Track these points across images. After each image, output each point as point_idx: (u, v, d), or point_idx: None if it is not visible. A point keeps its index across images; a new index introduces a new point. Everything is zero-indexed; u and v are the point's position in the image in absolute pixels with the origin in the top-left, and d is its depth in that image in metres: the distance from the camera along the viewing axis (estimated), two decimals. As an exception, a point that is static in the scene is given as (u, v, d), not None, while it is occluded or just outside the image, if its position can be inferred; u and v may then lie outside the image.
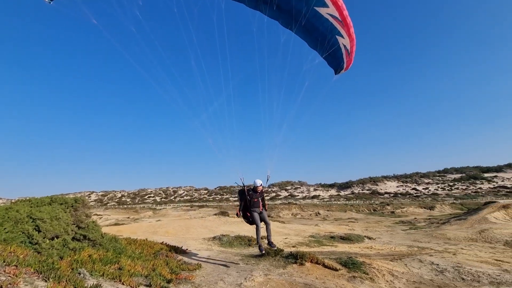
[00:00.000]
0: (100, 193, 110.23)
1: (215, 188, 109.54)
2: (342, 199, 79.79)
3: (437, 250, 10.02)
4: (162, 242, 9.23)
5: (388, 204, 48.27)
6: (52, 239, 5.56)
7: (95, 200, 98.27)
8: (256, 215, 6.80)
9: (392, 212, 35.58)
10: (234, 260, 7.69)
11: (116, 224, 19.63)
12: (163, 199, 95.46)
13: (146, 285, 4.63)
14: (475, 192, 78.05)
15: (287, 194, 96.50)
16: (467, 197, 66.53)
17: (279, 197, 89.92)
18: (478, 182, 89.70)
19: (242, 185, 7.10)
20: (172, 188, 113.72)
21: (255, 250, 9.69)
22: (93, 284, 3.78)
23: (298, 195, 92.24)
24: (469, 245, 11.34)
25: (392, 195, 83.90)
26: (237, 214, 7.09)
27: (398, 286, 5.85)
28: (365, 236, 14.16)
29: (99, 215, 35.09)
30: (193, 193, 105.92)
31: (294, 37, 7.67)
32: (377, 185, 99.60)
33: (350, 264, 6.74)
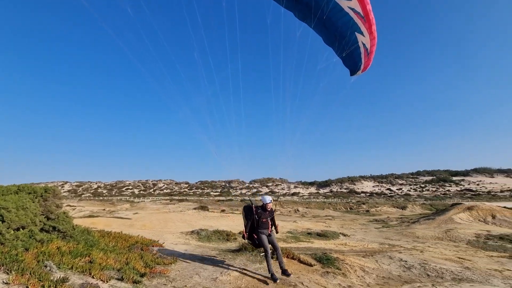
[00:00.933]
0: (75, 184, 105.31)
1: (196, 182, 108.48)
2: (321, 197, 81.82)
3: (406, 247, 10.57)
4: (138, 236, 9.02)
5: (364, 203, 50.15)
6: (18, 229, 5.26)
7: (68, 191, 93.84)
8: (265, 238, 5.78)
9: (367, 211, 37.03)
10: (211, 255, 7.67)
11: (90, 216, 18.89)
12: (141, 192, 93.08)
13: (118, 279, 4.51)
14: (443, 194, 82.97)
15: (268, 190, 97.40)
16: (436, 198, 70.66)
17: (260, 193, 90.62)
18: (447, 184, 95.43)
19: (251, 202, 6.12)
20: (151, 181, 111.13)
21: (232, 245, 9.73)
22: (60, 277, 3.63)
23: (278, 192, 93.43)
24: (435, 243, 12.07)
25: (368, 194, 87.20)
26: (243, 236, 6.08)
27: (368, 281, 6.11)
28: (340, 233, 14.65)
29: (73, 206, 33.59)
30: (173, 187, 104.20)
31: (311, 32, 6.93)
32: (354, 184, 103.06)
33: (325, 259, 6.94)
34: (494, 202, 44.08)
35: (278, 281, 5.31)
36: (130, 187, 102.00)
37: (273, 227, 6.07)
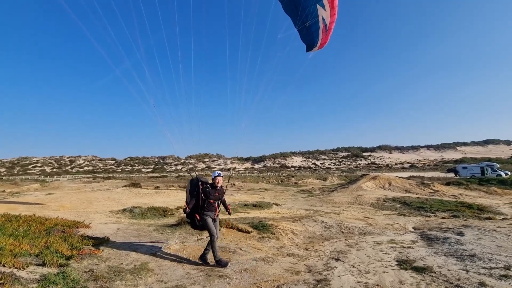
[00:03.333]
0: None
1: (125, 159, 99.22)
2: (255, 171, 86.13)
3: (326, 212, 12.37)
4: (57, 217, 7.94)
5: (293, 176, 55.34)
6: None
7: None
8: (210, 221, 4.85)
9: (296, 183, 41.11)
10: (147, 231, 7.43)
11: (-17, 200, 15.41)
12: (55, 170, 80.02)
13: (38, 264, 4.00)
14: (355, 167, 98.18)
15: (204, 166, 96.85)
16: (350, 170, 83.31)
17: (197, 169, 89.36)
18: (358, 159, 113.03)
19: (196, 177, 5.06)
20: (67, 157, 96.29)
21: (170, 220, 9.59)
22: (-43, 269, 3.01)
23: (215, 167, 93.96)
24: (348, 207, 14.47)
25: (297, 168, 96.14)
26: (185, 210, 4.91)
27: (297, 241, 7.02)
28: (273, 203, 16.00)
29: (-47, 189, 26.50)
30: (97, 163, 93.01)
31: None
32: (286, 159, 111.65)
33: (260, 227, 7.58)
34: (391, 172, 54.77)
35: (228, 265, 4.75)
36: (39, 165, 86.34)
37: (224, 209, 5.37)
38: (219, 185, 5.03)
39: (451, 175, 41.46)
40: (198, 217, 4.85)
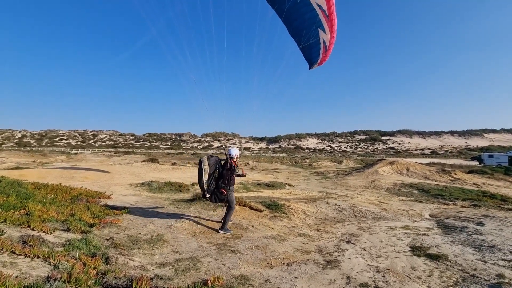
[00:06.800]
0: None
1: (144, 135, 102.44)
2: (270, 152, 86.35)
3: (340, 195, 12.30)
4: (81, 187, 8.43)
5: (307, 158, 55.07)
6: None
7: (-19, 140, 79.56)
8: (233, 194, 5.58)
9: (310, 165, 40.94)
10: (164, 205, 7.74)
11: (17, 168, 16.62)
12: (79, 143, 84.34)
13: (64, 230, 4.29)
14: (372, 151, 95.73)
15: (219, 144, 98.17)
16: (367, 154, 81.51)
17: (212, 147, 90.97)
18: (376, 143, 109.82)
19: (224, 155, 5.74)
20: (91, 131, 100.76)
21: (185, 196, 9.91)
22: (-8, 230, 3.27)
23: (230, 146, 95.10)
24: (363, 191, 14.29)
25: (311, 150, 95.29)
26: (204, 195, 5.50)
27: (308, 222, 7.07)
28: (286, 183, 16.09)
29: (-10, 157, 28.77)
30: (118, 138, 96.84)
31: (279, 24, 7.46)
32: (301, 141, 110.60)
33: (273, 206, 7.68)
34: (410, 158, 53.03)
35: (230, 232, 5.41)
36: (65, 138, 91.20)
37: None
38: (234, 163, 5.57)
39: (475, 163, 39.55)
40: (224, 192, 5.37)
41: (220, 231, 5.41)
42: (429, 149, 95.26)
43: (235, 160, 5.58)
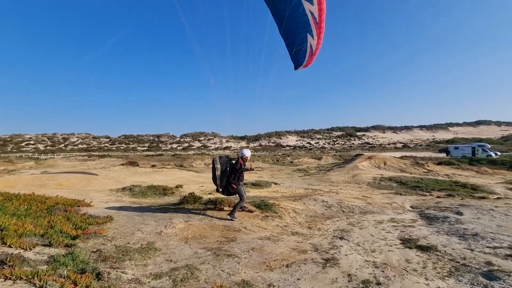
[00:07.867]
0: None
1: (119, 137, 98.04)
2: (251, 150, 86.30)
3: (325, 191, 12.55)
4: (57, 196, 7.82)
5: (288, 155, 55.81)
6: None
7: None
8: (243, 188, 6.53)
9: (291, 162, 41.49)
10: (150, 210, 7.40)
11: (-24, 177, 15.10)
12: (48, 148, 78.84)
13: (45, 245, 3.93)
14: (349, 146, 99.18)
15: (200, 144, 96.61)
16: (344, 150, 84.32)
17: (192, 147, 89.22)
18: (352, 139, 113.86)
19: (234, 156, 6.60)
20: (61, 135, 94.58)
21: (171, 199, 9.58)
22: (-38, 252, 2.89)
23: (210, 146, 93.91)
24: (345, 186, 14.71)
25: (292, 147, 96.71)
26: (218, 190, 6.43)
27: (299, 220, 7.11)
28: (272, 182, 16.15)
29: None
30: (91, 141, 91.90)
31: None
32: (281, 138, 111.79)
33: (263, 206, 7.62)
34: (384, 152, 55.64)
35: (236, 219, 6.26)
36: (32, 142, 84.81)
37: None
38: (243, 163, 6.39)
39: (443, 155, 42.31)
40: (235, 187, 6.22)
41: (228, 216, 6.30)
42: (400, 142, 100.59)
43: (245, 159, 6.41)
